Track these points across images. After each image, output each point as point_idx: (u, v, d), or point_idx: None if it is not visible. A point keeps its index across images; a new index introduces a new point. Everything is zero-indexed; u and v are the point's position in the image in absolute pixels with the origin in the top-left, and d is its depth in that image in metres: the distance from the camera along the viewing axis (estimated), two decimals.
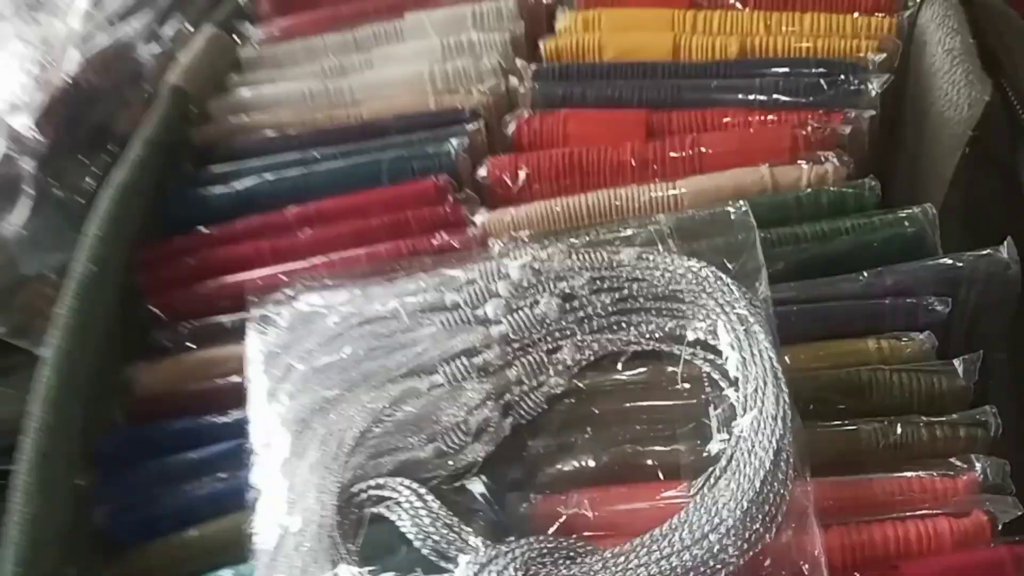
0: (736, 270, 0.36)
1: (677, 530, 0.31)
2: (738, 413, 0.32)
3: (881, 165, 0.49)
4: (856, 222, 0.39)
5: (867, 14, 0.48)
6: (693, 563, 0.30)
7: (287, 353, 0.38)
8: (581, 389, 0.36)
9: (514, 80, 0.49)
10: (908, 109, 0.48)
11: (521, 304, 0.37)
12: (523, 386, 0.36)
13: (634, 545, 0.31)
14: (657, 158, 0.43)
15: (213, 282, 0.46)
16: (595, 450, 0.35)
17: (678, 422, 0.34)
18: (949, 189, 0.44)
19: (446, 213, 0.44)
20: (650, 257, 0.37)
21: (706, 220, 0.38)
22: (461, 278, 0.38)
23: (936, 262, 0.38)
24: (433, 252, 0.43)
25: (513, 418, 0.36)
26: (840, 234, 0.39)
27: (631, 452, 0.34)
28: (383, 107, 0.50)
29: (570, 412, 0.36)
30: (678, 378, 0.34)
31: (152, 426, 0.42)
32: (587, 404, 0.36)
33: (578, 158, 0.44)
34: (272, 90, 0.52)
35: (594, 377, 0.36)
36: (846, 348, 0.37)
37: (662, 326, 0.36)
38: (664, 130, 0.44)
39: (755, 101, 0.44)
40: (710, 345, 0.35)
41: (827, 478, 0.32)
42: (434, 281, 0.38)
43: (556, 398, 0.36)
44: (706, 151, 0.42)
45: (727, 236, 0.37)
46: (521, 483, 0.35)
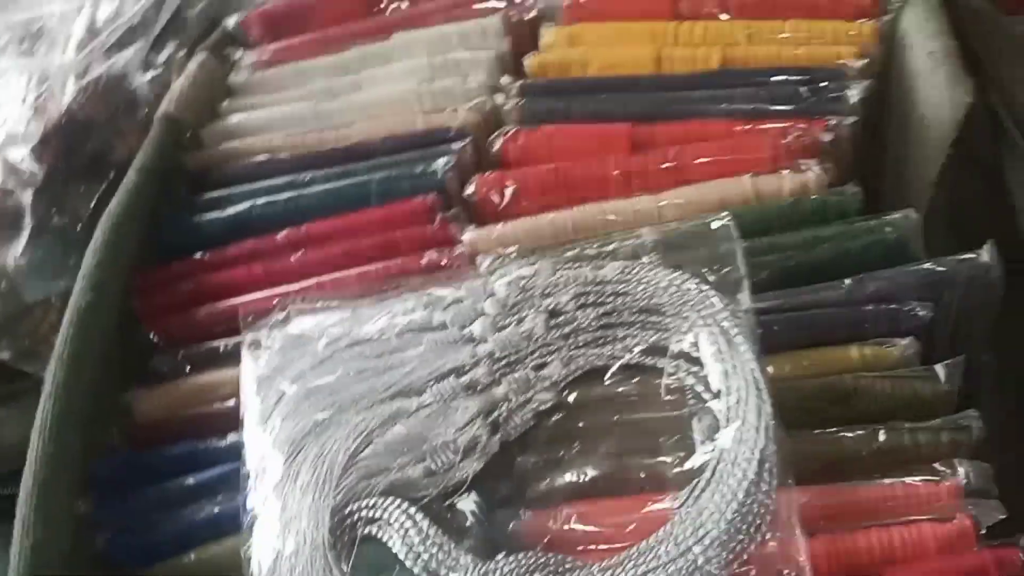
0: (718, 281, 0.36)
1: (663, 543, 0.31)
2: (721, 424, 0.33)
3: (867, 168, 0.49)
4: (839, 229, 0.40)
5: (848, 20, 0.48)
6: (679, 575, 0.30)
7: (279, 376, 0.38)
8: (568, 404, 0.36)
9: (500, 97, 0.49)
10: (892, 112, 0.49)
11: (507, 321, 0.37)
12: (511, 403, 0.36)
13: (621, 559, 0.31)
14: (641, 171, 0.43)
15: (208, 307, 0.46)
16: (583, 464, 0.35)
17: (664, 434, 0.34)
18: (934, 191, 0.44)
19: (435, 232, 0.45)
20: (633, 271, 0.37)
21: (689, 232, 0.38)
22: (448, 297, 0.39)
23: (917, 267, 0.38)
24: (422, 271, 0.43)
25: (502, 435, 0.36)
26: (823, 242, 0.39)
27: (618, 465, 0.35)
28: (372, 128, 0.50)
29: (558, 427, 0.36)
30: (662, 391, 0.35)
31: (151, 451, 0.43)
32: (574, 419, 0.36)
33: (563, 173, 0.44)
34: (263, 115, 0.53)
35: (581, 392, 0.36)
36: (829, 356, 0.37)
37: (646, 339, 0.36)
38: (648, 143, 0.45)
39: (737, 111, 0.44)
40: (693, 357, 0.35)
41: (811, 486, 0.32)
42: (422, 301, 0.39)
43: (544, 414, 0.36)
44: (689, 163, 0.43)
45: (709, 247, 0.37)
46: (510, 499, 0.35)
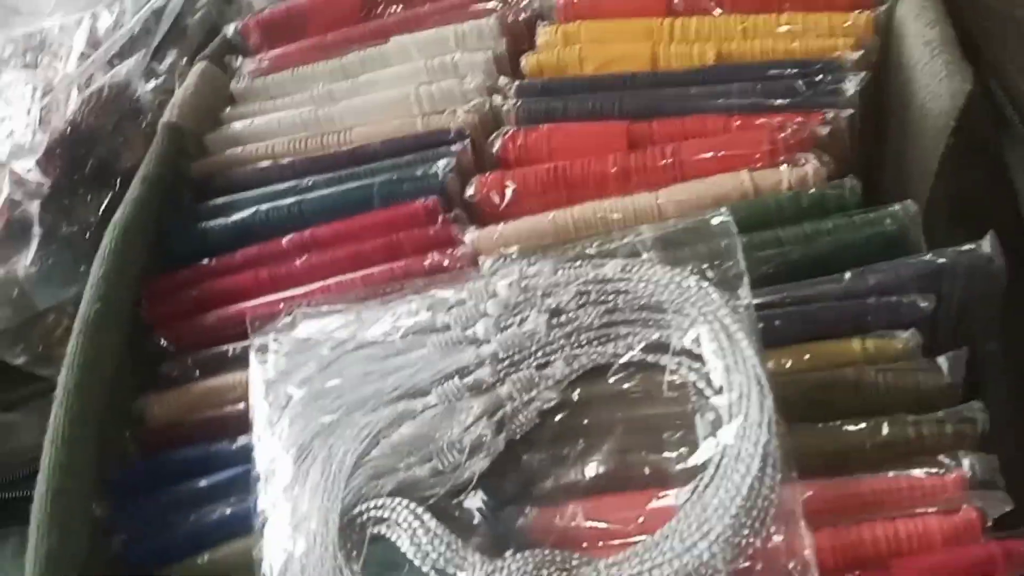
0: (718, 277, 0.36)
1: (668, 539, 0.31)
2: (723, 420, 0.33)
3: (867, 159, 0.49)
4: (838, 222, 0.40)
5: (844, 11, 0.48)
6: (684, 571, 0.30)
7: (287, 380, 0.39)
8: (572, 402, 0.36)
9: (498, 98, 0.49)
10: (891, 103, 0.48)
11: (510, 322, 0.38)
12: (515, 402, 0.37)
13: (627, 555, 0.32)
14: (639, 168, 0.43)
15: (216, 312, 0.47)
16: (588, 461, 0.35)
17: (667, 431, 0.35)
18: (934, 181, 0.44)
19: (437, 233, 0.45)
20: (633, 268, 0.37)
21: (688, 228, 0.38)
22: (451, 299, 0.39)
23: (918, 259, 0.38)
24: (425, 273, 0.44)
25: (507, 433, 0.36)
26: (822, 235, 0.39)
27: (622, 462, 0.35)
28: (372, 131, 0.51)
29: (562, 425, 0.36)
30: (664, 388, 0.35)
31: (164, 455, 0.44)
32: (578, 416, 0.36)
33: (562, 172, 0.45)
34: (264, 121, 0.53)
35: (584, 389, 0.36)
36: (831, 349, 0.37)
37: (648, 336, 0.36)
38: (645, 140, 0.45)
39: (734, 106, 0.44)
40: (695, 353, 0.35)
41: (815, 480, 0.33)
42: (425, 303, 0.39)
43: (548, 412, 0.36)
44: (687, 159, 0.43)
45: (709, 244, 0.37)
46: (517, 497, 0.35)
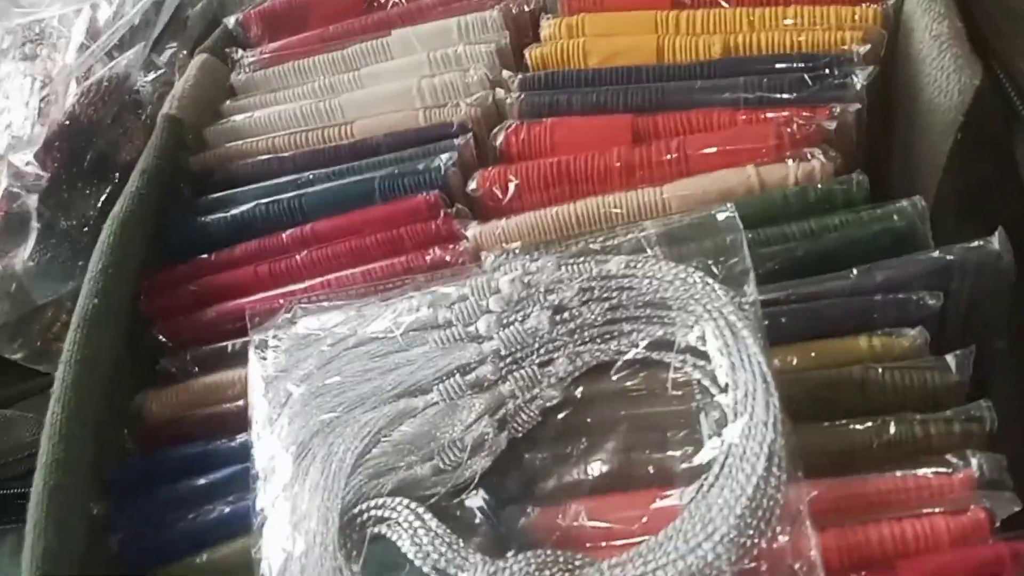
0: (724, 273, 0.36)
1: (672, 539, 0.31)
2: (728, 419, 0.32)
3: (876, 154, 0.48)
4: (845, 218, 0.39)
5: (852, 4, 0.47)
6: (689, 572, 0.30)
7: (286, 377, 0.39)
8: (575, 400, 0.36)
9: (501, 91, 0.49)
10: (899, 97, 0.48)
11: (512, 319, 0.37)
12: (517, 400, 0.36)
13: (631, 555, 0.31)
14: (644, 163, 0.43)
15: (215, 308, 0.46)
16: (591, 460, 0.35)
17: (671, 429, 0.34)
18: (942, 176, 0.43)
19: (438, 228, 0.45)
20: (638, 265, 0.37)
21: (693, 224, 0.38)
22: (453, 295, 0.39)
23: (926, 256, 0.37)
24: (427, 268, 0.43)
25: (509, 432, 0.36)
26: (829, 231, 0.39)
27: (626, 460, 0.35)
28: (374, 124, 0.50)
29: (565, 423, 0.36)
30: (668, 385, 0.35)
31: (162, 452, 0.43)
32: (581, 414, 0.36)
33: (566, 166, 0.44)
34: (265, 113, 0.53)
35: (587, 387, 0.36)
36: (838, 347, 0.36)
37: (652, 334, 0.36)
38: (650, 134, 0.44)
39: (740, 100, 0.44)
40: (700, 351, 0.35)
41: (822, 479, 0.32)
42: (427, 299, 0.39)
43: (551, 410, 0.36)
44: (692, 153, 0.42)
45: (714, 239, 0.37)
46: (519, 496, 0.35)
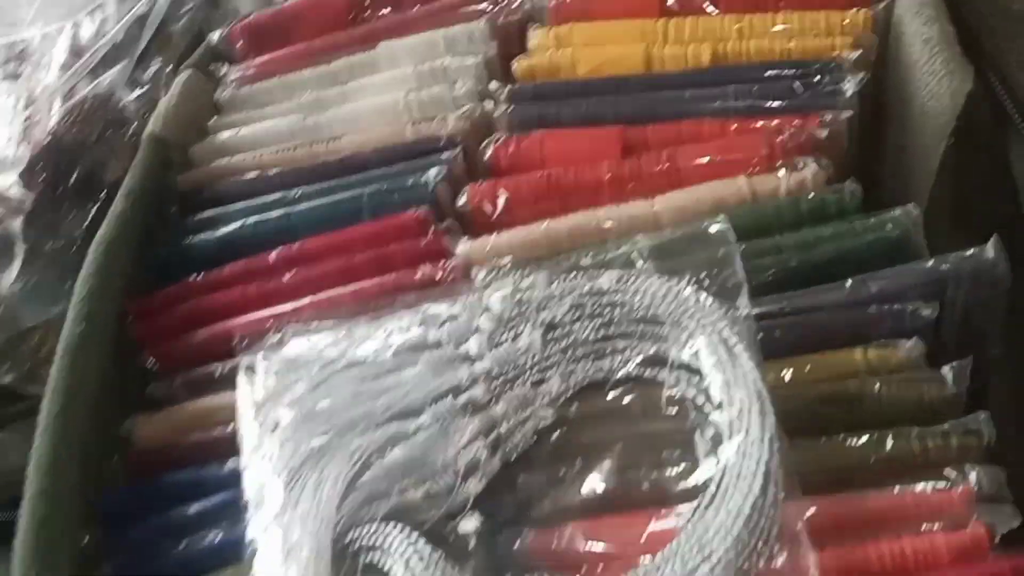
0: (717, 287, 0.35)
1: (669, 561, 0.30)
2: (724, 437, 0.32)
3: (868, 160, 0.48)
4: (838, 228, 0.39)
5: (841, 9, 0.47)
6: None
7: (276, 402, 0.38)
8: (569, 419, 0.35)
9: (489, 104, 0.48)
10: (890, 103, 0.47)
11: (504, 337, 0.37)
12: (510, 421, 0.36)
13: None
14: (634, 175, 0.42)
15: (204, 330, 0.46)
16: (586, 481, 0.34)
17: (667, 447, 0.34)
18: (935, 181, 0.43)
19: (428, 245, 0.44)
20: (630, 280, 0.36)
21: (685, 237, 0.37)
22: (443, 314, 0.38)
23: (920, 265, 0.37)
24: (417, 285, 0.43)
25: (502, 454, 0.35)
26: (823, 241, 0.38)
27: (622, 480, 0.34)
28: (362, 139, 0.50)
29: (559, 444, 0.35)
30: (662, 403, 0.34)
31: (152, 479, 0.43)
32: (576, 434, 0.35)
33: (556, 180, 0.44)
34: (252, 130, 0.52)
35: (581, 406, 0.35)
36: (833, 360, 0.36)
37: (645, 350, 0.35)
38: (640, 145, 0.44)
39: (730, 109, 0.43)
40: (694, 368, 0.34)
41: (819, 496, 0.32)
42: (417, 318, 0.38)
43: (544, 430, 0.36)
44: (683, 165, 0.42)
45: (707, 252, 0.36)
46: (514, 519, 0.34)
